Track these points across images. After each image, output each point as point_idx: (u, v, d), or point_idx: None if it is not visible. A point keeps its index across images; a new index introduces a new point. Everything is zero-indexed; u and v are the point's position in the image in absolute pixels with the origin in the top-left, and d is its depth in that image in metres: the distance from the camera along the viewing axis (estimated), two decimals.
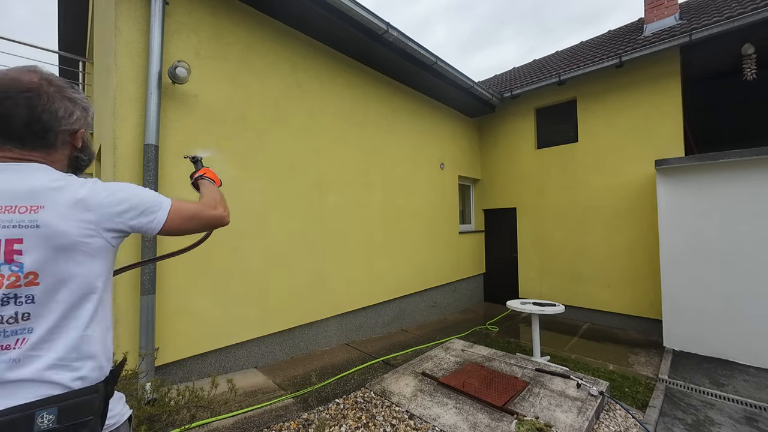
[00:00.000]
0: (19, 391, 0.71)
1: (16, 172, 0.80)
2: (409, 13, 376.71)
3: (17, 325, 0.74)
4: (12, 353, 0.73)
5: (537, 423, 2.44)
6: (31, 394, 0.72)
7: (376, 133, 5.00)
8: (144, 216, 0.93)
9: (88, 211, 0.82)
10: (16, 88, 0.80)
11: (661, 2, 5.86)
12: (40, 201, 0.77)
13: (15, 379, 0.72)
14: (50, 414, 0.71)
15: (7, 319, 0.73)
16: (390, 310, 5.19)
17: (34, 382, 0.73)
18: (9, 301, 0.73)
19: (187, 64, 2.89)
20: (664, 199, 4.50)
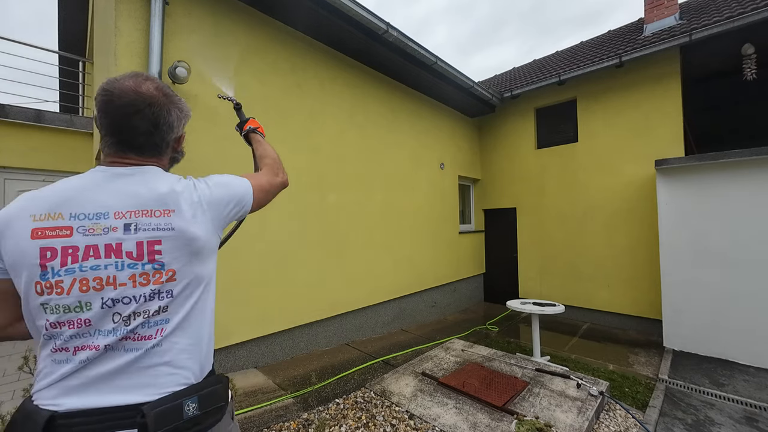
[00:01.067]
0: (157, 376, 0.79)
1: (142, 177, 0.86)
2: (408, 13, 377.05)
3: (158, 317, 0.81)
4: (151, 342, 0.80)
5: (537, 423, 2.44)
6: (166, 380, 0.80)
7: (376, 133, 5.00)
8: (241, 207, 1.02)
9: (205, 213, 0.90)
10: (141, 101, 0.85)
11: (661, 2, 5.86)
12: (170, 205, 0.84)
13: (154, 364, 0.79)
14: (193, 402, 0.80)
15: (152, 313, 0.80)
16: (390, 310, 5.19)
17: (168, 367, 0.81)
18: (155, 296, 0.81)
19: (187, 64, 2.89)
20: (664, 199, 4.50)
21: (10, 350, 3.74)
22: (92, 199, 0.80)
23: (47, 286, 0.75)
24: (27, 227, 0.76)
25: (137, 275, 0.79)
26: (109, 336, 0.76)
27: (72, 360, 0.75)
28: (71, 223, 0.77)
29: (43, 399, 0.73)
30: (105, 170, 0.85)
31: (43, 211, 0.77)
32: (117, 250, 0.79)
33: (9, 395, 2.83)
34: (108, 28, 3.06)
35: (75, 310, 0.75)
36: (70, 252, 0.76)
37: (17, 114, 4.80)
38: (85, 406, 0.73)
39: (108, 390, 0.75)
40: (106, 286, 0.77)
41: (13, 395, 2.82)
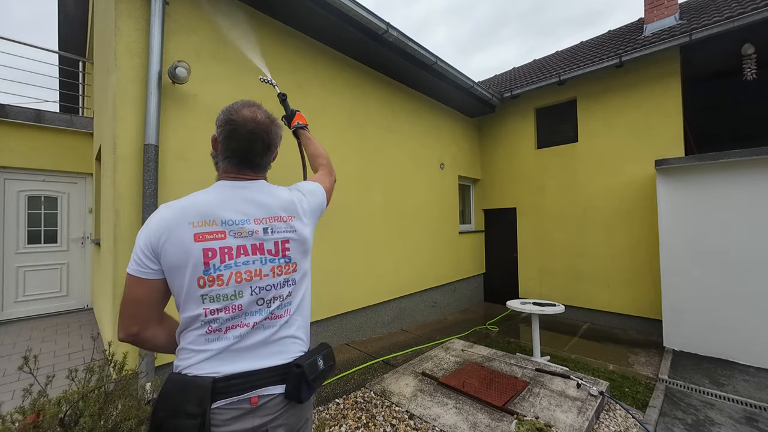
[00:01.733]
0: (288, 345, 1.02)
1: (260, 189, 1.08)
2: (408, 14, 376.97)
3: (287, 300, 1.04)
4: (283, 320, 1.02)
5: (537, 423, 2.44)
6: (292, 348, 1.03)
7: (376, 133, 5.00)
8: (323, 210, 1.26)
9: (309, 218, 1.15)
10: (260, 129, 1.05)
11: (661, 2, 5.86)
12: (289, 212, 1.08)
13: (284, 336, 1.02)
14: (321, 360, 1.05)
15: (285, 297, 1.04)
16: (390, 310, 5.19)
17: (293, 338, 1.04)
18: (286, 284, 1.04)
19: (187, 64, 2.89)
20: (664, 199, 4.50)
21: (10, 350, 3.75)
22: (232, 209, 0.99)
23: (209, 280, 0.92)
24: (189, 233, 0.92)
25: (275, 267, 1.02)
26: (256, 316, 0.97)
27: (224, 338, 0.93)
28: (223, 228, 0.96)
29: (199, 370, 0.90)
30: (231, 185, 1.05)
31: (198, 219, 0.94)
32: (260, 249, 1.00)
33: (9, 395, 2.83)
34: (108, 28, 3.06)
35: (231, 297, 0.94)
36: (226, 251, 0.95)
37: (17, 114, 4.80)
38: (239, 371, 0.91)
39: (251, 358, 0.95)
40: (254, 277, 0.98)
41: (13, 395, 2.82)
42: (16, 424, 1.50)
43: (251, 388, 0.91)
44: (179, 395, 0.87)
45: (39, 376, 1.91)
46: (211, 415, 0.86)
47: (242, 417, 0.90)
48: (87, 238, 5.47)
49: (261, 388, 0.93)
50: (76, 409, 1.60)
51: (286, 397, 0.96)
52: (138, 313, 0.95)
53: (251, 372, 0.92)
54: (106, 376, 1.86)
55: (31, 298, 4.99)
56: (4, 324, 4.66)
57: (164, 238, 0.91)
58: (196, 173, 3.13)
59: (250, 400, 0.91)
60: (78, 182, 5.45)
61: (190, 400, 0.85)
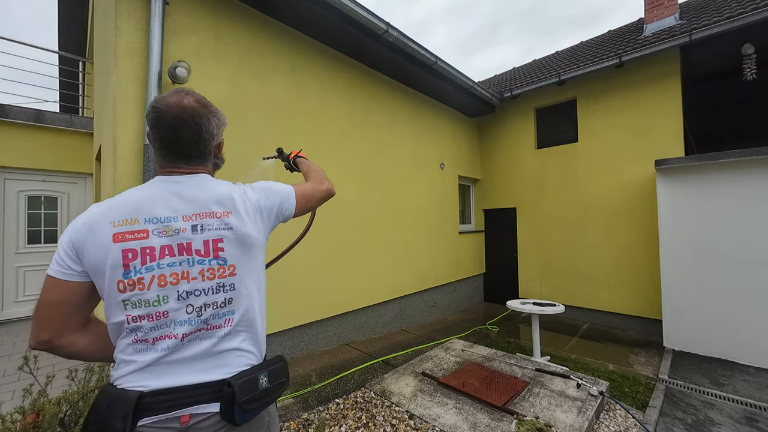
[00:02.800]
0: (230, 358, 0.91)
1: (197, 183, 0.98)
2: (408, 14, 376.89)
3: (225, 308, 0.92)
4: (223, 330, 0.91)
5: (537, 423, 2.44)
6: (237, 361, 0.92)
7: (376, 133, 5.00)
8: (286, 209, 1.14)
9: (257, 214, 1.03)
10: (186, 115, 0.94)
11: (661, 2, 5.86)
12: (227, 207, 0.96)
13: (226, 349, 0.91)
14: (265, 376, 0.94)
15: (220, 304, 0.91)
16: (390, 310, 5.19)
17: (238, 351, 0.93)
18: (220, 289, 0.92)
19: (187, 64, 2.89)
20: (664, 199, 4.50)
21: (10, 350, 3.74)
22: (161, 205, 0.91)
23: (129, 284, 0.84)
24: (108, 232, 0.85)
25: (205, 270, 0.90)
26: (185, 325, 0.87)
27: (153, 349, 0.85)
28: (146, 227, 0.88)
29: (128, 382, 0.83)
30: (164, 179, 0.96)
31: (121, 217, 0.87)
32: (188, 249, 0.90)
33: (9, 395, 2.83)
34: (108, 28, 3.06)
35: (154, 303, 0.85)
36: (148, 252, 0.86)
37: (17, 114, 4.80)
38: (169, 385, 0.83)
39: (187, 371, 0.86)
40: (181, 280, 0.88)
41: (13, 395, 2.82)
42: (16, 424, 1.50)
43: (182, 405, 0.82)
44: (107, 409, 0.81)
45: (39, 376, 1.91)
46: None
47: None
48: None
49: (193, 406, 0.83)
50: (76, 409, 1.60)
51: (222, 418, 0.85)
52: (52, 318, 0.86)
53: (183, 387, 0.83)
54: (106, 376, 1.86)
55: (31, 298, 4.99)
56: (4, 324, 4.66)
57: (86, 238, 0.85)
58: None
59: (179, 418, 0.82)
60: (78, 182, 5.45)
61: (116, 415, 0.79)
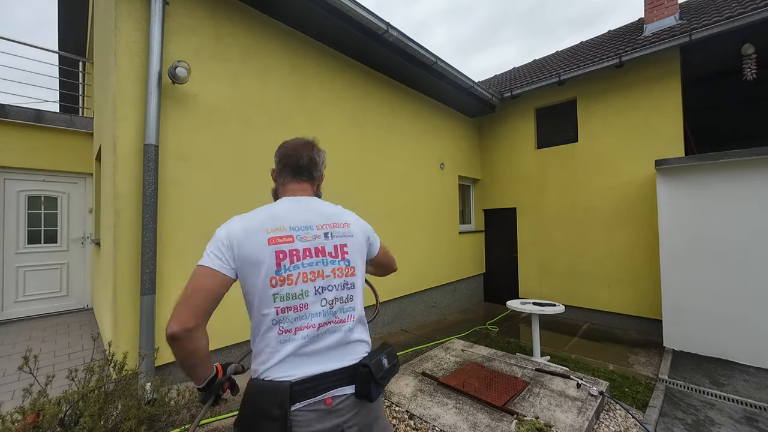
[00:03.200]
0: (355, 347, 1.11)
1: (317, 201, 1.24)
2: (408, 14, 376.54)
3: (348, 303, 1.12)
4: (347, 324, 1.10)
5: (537, 423, 2.44)
6: (359, 349, 1.11)
7: (376, 133, 5.00)
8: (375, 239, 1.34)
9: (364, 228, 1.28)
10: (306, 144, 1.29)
11: (661, 2, 5.86)
12: (345, 220, 1.21)
13: (351, 340, 1.10)
14: (385, 358, 1.12)
15: (345, 299, 1.11)
16: (390, 310, 5.19)
17: (360, 342, 1.13)
18: (346, 286, 1.12)
19: (187, 64, 2.89)
20: (664, 199, 4.50)
21: (10, 350, 3.74)
22: (298, 217, 1.12)
23: (280, 280, 1.02)
24: (264, 237, 1.03)
25: (335, 269, 1.10)
26: (320, 317, 1.05)
27: (294, 339, 1.01)
28: (291, 233, 1.07)
29: (274, 374, 0.98)
30: (291, 199, 1.20)
31: (272, 225, 1.07)
32: (322, 251, 1.10)
33: (9, 395, 2.83)
34: (108, 28, 3.06)
35: (299, 296, 1.03)
36: (294, 253, 1.05)
37: (17, 114, 4.80)
38: (311, 374, 0.99)
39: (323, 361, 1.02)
40: (318, 277, 1.07)
41: (13, 395, 2.82)
42: (15, 424, 1.50)
43: (325, 389, 0.99)
44: (261, 399, 0.97)
45: (39, 376, 1.91)
46: (292, 417, 0.93)
47: (321, 418, 0.97)
48: (87, 238, 5.47)
49: (334, 390, 1.00)
50: (76, 409, 1.60)
51: (357, 397, 1.03)
52: (201, 305, 0.98)
53: (323, 374, 1.00)
54: (106, 376, 1.86)
55: (31, 298, 4.99)
56: (4, 324, 4.66)
57: (244, 240, 1.02)
58: (196, 173, 3.13)
59: (325, 401, 0.99)
60: (78, 182, 5.45)
61: (272, 403, 0.94)
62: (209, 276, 0.99)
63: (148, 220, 2.71)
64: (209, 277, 0.99)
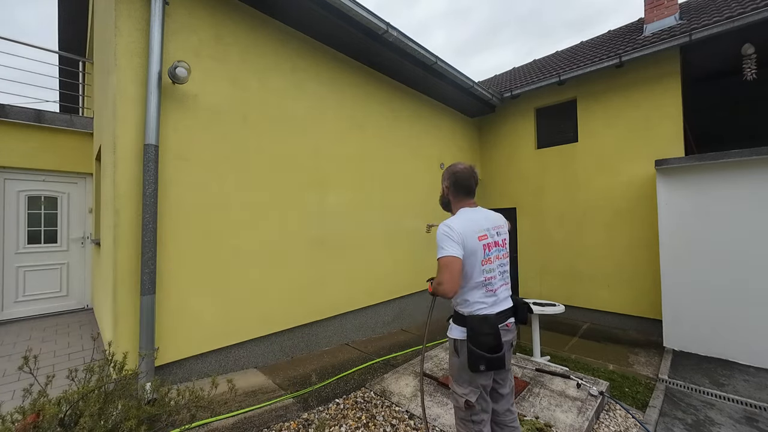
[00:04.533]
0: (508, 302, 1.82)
1: (484, 210, 1.88)
2: (407, 17, 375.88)
3: (506, 275, 1.85)
4: (507, 285, 1.86)
5: (537, 423, 2.44)
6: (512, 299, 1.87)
7: (377, 133, 5.00)
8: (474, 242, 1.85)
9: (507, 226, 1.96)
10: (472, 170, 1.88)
11: (661, 2, 5.86)
12: (501, 223, 1.89)
13: (509, 295, 1.86)
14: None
15: (505, 271, 1.84)
16: (390, 310, 5.19)
17: (511, 295, 1.89)
18: (506, 264, 1.86)
19: (187, 64, 2.89)
20: (664, 199, 4.50)
21: (10, 350, 3.74)
22: (482, 222, 1.79)
23: (487, 261, 1.73)
24: (475, 235, 1.72)
25: (502, 255, 1.83)
26: (498, 281, 1.77)
27: (493, 295, 1.74)
28: (486, 233, 1.76)
29: (484, 311, 1.70)
30: (472, 210, 1.84)
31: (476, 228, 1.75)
32: (496, 244, 1.80)
33: (9, 395, 2.83)
34: (108, 28, 3.06)
35: (492, 271, 1.75)
36: (490, 245, 1.76)
37: (17, 114, 4.80)
38: (500, 310, 1.74)
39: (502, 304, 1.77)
40: (497, 259, 1.78)
41: (13, 395, 2.82)
42: (15, 424, 1.50)
43: (506, 318, 1.77)
44: (481, 324, 1.66)
45: (39, 376, 1.91)
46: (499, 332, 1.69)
47: (506, 333, 1.75)
48: (87, 238, 5.47)
49: (509, 319, 1.79)
50: (76, 409, 1.60)
51: (517, 322, 1.83)
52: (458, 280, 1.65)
53: (504, 311, 1.76)
54: (106, 376, 1.86)
55: (31, 298, 4.99)
56: (4, 324, 4.66)
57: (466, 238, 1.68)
58: (196, 173, 3.13)
59: (507, 324, 1.77)
60: (78, 182, 5.45)
61: (487, 326, 1.65)
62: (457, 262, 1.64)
63: (148, 220, 2.71)
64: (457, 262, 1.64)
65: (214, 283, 3.23)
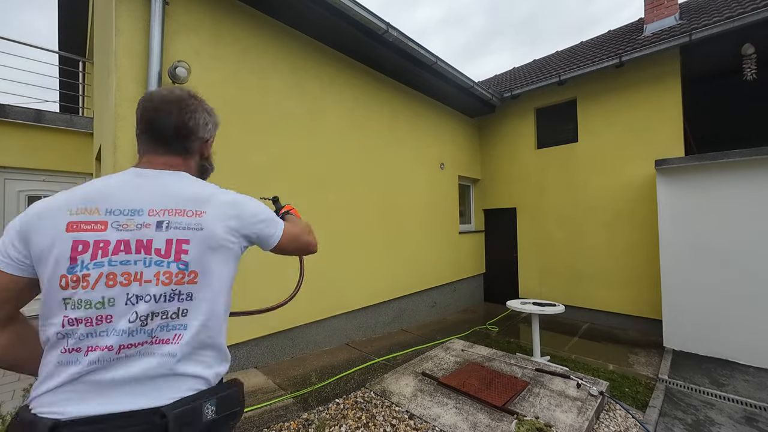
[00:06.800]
0: (176, 383, 0.77)
1: (175, 179, 0.90)
2: (405, 24, 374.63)
3: (177, 320, 0.80)
4: (169, 347, 0.78)
5: (537, 423, 2.44)
6: (185, 386, 0.78)
7: (377, 133, 5.00)
8: (269, 229, 1.01)
9: (233, 218, 0.90)
10: (172, 100, 0.94)
11: (661, 2, 5.86)
12: (202, 207, 0.86)
13: (171, 371, 0.77)
14: (212, 406, 0.79)
15: (171, 315, 0.79)
16: (390, 310, 5.19)
17: (186, 376, 0.79)
18: (174, 297, 0.79)
19: (187, 64, 2.89)
20: (664, 199, 4.50)
21: None
22: (129, 197, 0.82)
23: (73, 280, 0.73)
24: (63, 220, 0.76)
25: (161, 273, 0.79)
26: (123, 336, 0.74)
27: (81, 361, 0.71)
28: (106, 218, 0.78)
29: (42, 406, 0.70)
30: (137, 171, 0.90)
31: (79, 205, 0.78)
32: (147, 247, 0.79)
33: (9, 395, 2.83)
34: (108, 28, 3.06)
35: (97, 306, 0.74)
36: (101, 246, 0.76)
37: (17, 114, 4.80)
38: (92, 413, 0.69)
39: (117, 395, 0.72)
40: (133, 282, 0.76)
41: (13, 395, 2.82)
42: None
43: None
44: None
45: None
46: None
47: None
48: None
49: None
50: None
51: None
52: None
53: (107, 416, 0.69)
54: None
55: None
56: None
57: (37, 223, 0.76)
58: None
59: None
60: (78, 182, 5.45)
61: None
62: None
63: None
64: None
65: None
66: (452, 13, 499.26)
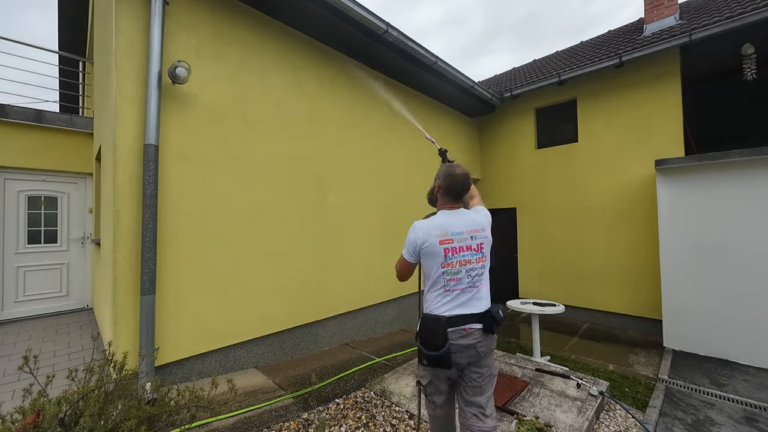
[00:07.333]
0: (482, 301, 1.77)
1: (465, 214, 1.85)
2: (405, 24, 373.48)
3: (479, 278, 1.78)
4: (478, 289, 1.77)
5: (537, 423, 2.44)
6: (484, 304, 1.77)
7: (376, 133, 5.00)
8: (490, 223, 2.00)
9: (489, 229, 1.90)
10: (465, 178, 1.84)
11: (661, 2, 5.86)
12: (482, 226, 1.84)
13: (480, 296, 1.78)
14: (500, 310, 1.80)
15: (480, 274, 1.79)
16: (390, 310, 5.19)
17: (484, 299, 1.79)
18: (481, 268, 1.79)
19: (187, 64, 2.89)
20: (664, 199, 4.50)
21: (10, 350, 3.74)
22: (454, 225, 1.78)
23: (448, 264, 1.73)
24: (436, 239, 1.74)
25: (477, 259, 1.77)
26: (465, 283, 1.74)
27: (451, 295, 1.73)
28: (451, 237, 1.75)
29: (440, 311, 1.71)
30: (449, 212, 1.85)
31: (439, 232, 1.75)
32: (469, 248, 1.76)
33: (9, 395, 2.83)
34: (108, 28, 3.06)
35: (455, 274, 1.73)
36: (454, 249, 1.74)
37: (17, 114, 4.80)
38: (458, 313, 1.70)
39: (464, 307, 1.72)
40: (467, 264, 1.75)
41: (13, 395, 2.81)
42: (16, 424, 1.50)
43: (464, 323, 1.69)
44: (432, 323, 1.70)
45: (39, 376, 1.90)
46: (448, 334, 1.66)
47: (461, 337, 1.68)
48: (87, 238, 5.47)
49: (469, 324, 1.69)
50: (76, 409, 1.60)
51: (483, 331, 1.71)
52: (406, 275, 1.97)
53: (464, 315, 1.70)
54: (106, 376, 1.86)
55: (31, 298, 4.98)
56: (4, 324, 4.66)
57: (424, 241, 1.76)
58: (196, 173, 3.13)
59: (464, 329, 1.69)
60: (78, 182, 5.45)
61: (435, 325, 1.69)
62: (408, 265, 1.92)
63: (148, 220, 2.71)
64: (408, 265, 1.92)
65: (214, 282, 3.23)
66: (452, 14, 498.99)
